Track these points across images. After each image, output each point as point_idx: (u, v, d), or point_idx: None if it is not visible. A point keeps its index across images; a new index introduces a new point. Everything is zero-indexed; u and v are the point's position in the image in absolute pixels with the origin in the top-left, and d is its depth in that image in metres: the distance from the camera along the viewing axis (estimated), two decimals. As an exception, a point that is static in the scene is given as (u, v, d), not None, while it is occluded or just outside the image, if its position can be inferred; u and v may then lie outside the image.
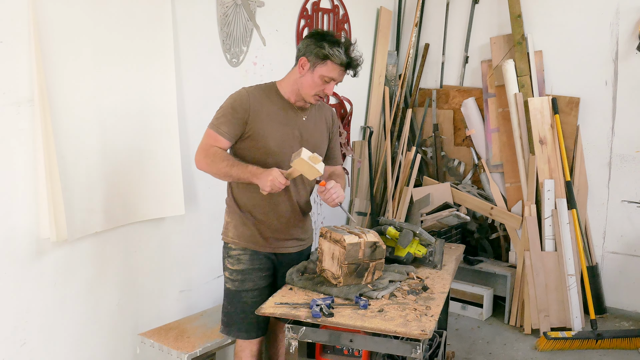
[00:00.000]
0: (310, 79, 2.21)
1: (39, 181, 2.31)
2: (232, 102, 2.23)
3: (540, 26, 4.04)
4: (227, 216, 2.39)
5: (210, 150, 2.20)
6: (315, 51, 2.18)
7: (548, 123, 3.86)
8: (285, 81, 2.31)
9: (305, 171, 2.11)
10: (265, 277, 2.35)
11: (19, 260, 2.30)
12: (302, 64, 2.22)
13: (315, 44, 2.19)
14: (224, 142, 2.21)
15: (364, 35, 4.37)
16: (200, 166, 2.25)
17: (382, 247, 2.16)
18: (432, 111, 4.57)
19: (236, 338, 2.38)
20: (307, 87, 2.23)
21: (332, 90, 2.25)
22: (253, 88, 2.30)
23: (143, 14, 2.65)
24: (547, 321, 3.68)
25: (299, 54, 2.25)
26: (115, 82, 2.55)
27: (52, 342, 2.46)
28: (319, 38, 2.20)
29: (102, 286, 2.65)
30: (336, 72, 2.20)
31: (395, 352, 1.96)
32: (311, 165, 2.07)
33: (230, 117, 2.20)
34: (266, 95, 2.27)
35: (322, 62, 2.18)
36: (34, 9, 2.20)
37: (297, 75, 2.25)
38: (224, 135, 2.20)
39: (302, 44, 2.25)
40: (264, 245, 2.33)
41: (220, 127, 2.20)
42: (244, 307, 2.31)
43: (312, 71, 2.20)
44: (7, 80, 2.19)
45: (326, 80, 2.21)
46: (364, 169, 4.41)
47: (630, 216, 3.87)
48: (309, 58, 2.20)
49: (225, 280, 2.37)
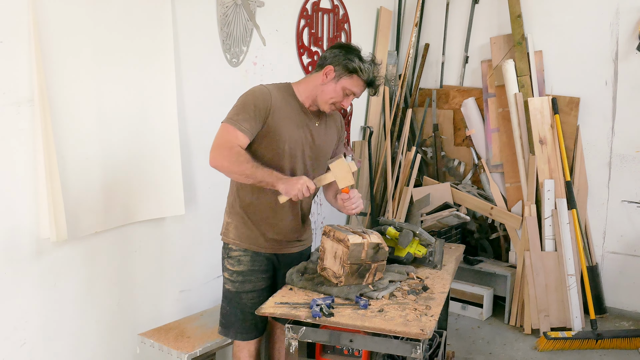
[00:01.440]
0: (332, 88, 2.20)
1: (39, 181, 2.31)
2: (254, 99, 2.15)
3: (540, 26, 4.04)
4: (227, 217, 2.36)
5: (234, 149, 2.08)
6: (345, 62, 2.18)
7: (548, 123, 3.86)
8: (303, 85, 2.28)
9: (341, 177, 2.09)
10: (265, 278, 2.34)
11: (19, 260, 2.30)
12: (326, 72, 2.20)
13: (345, 55, 2.19)
14: (245, 139, 2.12)
15: (364, 35, 4.37)
16: (219, 163, 2.11)
17: (384, 249, 2.16)
18: (432, 111, 4.57)
19: (235, 339, 2.37)
20: (326, 95, 2.22)
21: (349, 104, 2.26)
22: (272, 86, 2.25)
23: (143, 14, 2.65)
24: (547, 321, 3.68)
25: (324, 62, 2.23)
26: (115, 82, 2.55)
27: (52, 342, 2.46)
28: (349, 51, 2.21)
29: (102, 286, 2.65)
30: (359, 87, 2.21)
31: (395, 352, 1.96)
32: (349, 170, 2.06)
33: (253, 113, 2.12)
34: (283, 95, 2.24)
35: (348, 75, 2.18)
36: (34, 8, 2.20)
37: (319, 82, 2.22)
38: (246, 132, 2.11)
39: (329, 53, 2.24)
40: (265, 247, 2.31)
41: (241, 124, 2.10)
42: (243, 308, 2.30)
43: (336, 81, 2.20)
44: (7, 80, 2.19)
45: (347, 93, 2.21)
46: (364, 169, 4.41)
47: (630, 216, 3.87)
48: (336, 68, 2.19)
49: (225, 281, 2.35)
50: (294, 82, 2.31)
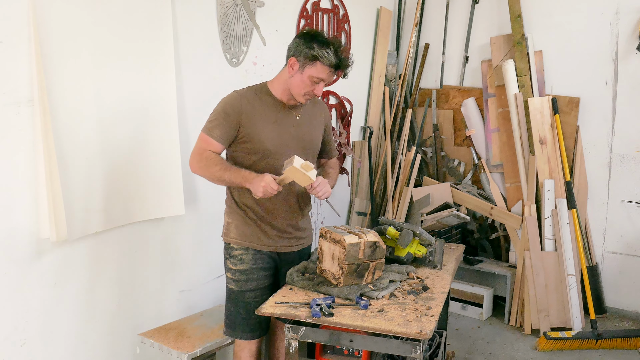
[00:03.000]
0: (299, 79, 2.21)
1: (39, 181, 2.31)
2: (223, 106, 2.23)
3: (540, 26, 4.04)
4: (227, 217, 2.38)
5: (204, 154, 2.20)
6: (305, 52, 2.18)
7: (548, 123, 3.86)
8: (275, 81, 2.31)
9: (298, 178, 2.10)
10: (267, 276, 2.35)
11: (19, 260, 2.30)
12: (291, 64, 2.22)
13: (305, 44, 2.18)
14: (217, 145, 2.21)
15: (364, 35, 4.37)
16: (194, 170, 2.24)
17: (382, 247, 2.16)
18: (432, 111, 4.57)
19: (240, 339, 2.37)
20: (296, 87, 2.23)
21: (321, 91, 2.25)
22: (245, 90, 2.29)
23: (143, 13, 2.65)
24: (547, 321, 3.68)
25: (289, 54, 2.25)
26: (115, 82, 2.55)
27: (52, 342, 2.46)
28: (308, 38, 2.20)
29: (102, 286, 2.65)
30: (325, 73, 2.20)
31: (395, 352, 1.96)
32: (303, 173, 2.06)
33: (223, 120, 2.20)
34: (258, 96, 2.27)
35: (311, 63, 2.18)
36: (34, 9, 2.20)
37: (287, 76, 2.24)
38: (217, 139, 2.20)
39: (292, 44, 2.25)
40: (266, 244, 2.33)
41: (213, 131, 2.20)
42: (247, 307, 2.31)
43: (302, 72, 2.20)
44: (7, 80, 2.19)
45: (315, 81, 2.21)
46: (364, 169, 4.41)
47: (630, 216, 3.87)
48: (298, 58, 2.20)
49: (228, 281, 2.36)
50: (269, 80, 2.34)
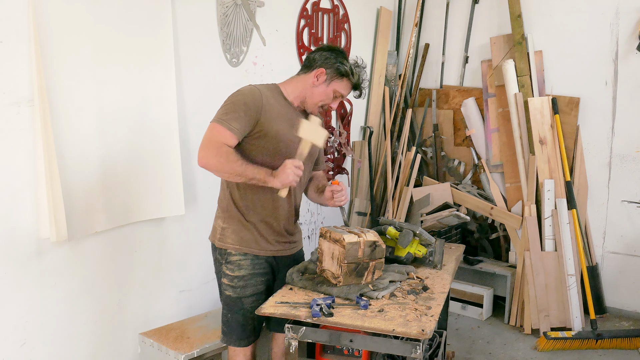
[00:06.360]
0: (322, 90, 2.22)
1: (39, 181, 2.32)
2: (244, 98, 2.12)
3: (540, 26, 4.04)
4: (222, 222, 2.28)
5: (222, 149, 2.06)
6: (336, 66, 2.21)
7: (548, 123, 3.86)
8: (291, 85, 2.28)
9: (315, 137, 2.11)
10: (264, 281, 2.31)
11: (19, 260, 2.30)
12: (318, 75, 2.21)
13: (336, 59, 2.22)
14: (234, 139, 2.08)
15: (364, 35, 4.37)
16: (208, 163, 2.08)
17: (381, 246, 2.16)
18: (432, 111, 4.57)
19: (237, 346, 2.32)
20: (317, 97, 2.23)
21: (337, 105, 2.30)
22: (261, 86, 2.23)
23: (143, 13, 2.65)
24: (547, 321, 3.68)
25: (314, 64, 2.23)
26: (115, 82, 2.55)
27: (52, 342, 2.47)
28: (339, 54, 2.24)
29: (102, 286, 2.66)
30: (348, 89, 2.27)
31: (395, 352, 1.96)
32: (318, 127, 2.09)
33: (243, 113, 2.09)
34: (273, 95, 2.23)
35: (339, 78, 2.22)
36: (34, 8, 2.21)
37: (309, 84, 2.23)
38: (235, 132, 2.07)
39: (319, 56, 2.24)
40: (265, 249, 2.28)
41: (231, 123, 2.07)
42: (245, 313, 2.26)
43: (328, 84, 2.22)
44: (7, 80, 2.19)
45: (336, 95, 2.25)
46: (364, 169, 4.41)
47: (630, 216, 3.87)
48: (328, 71, 2.21)
49: (225, 287, 2.27)
50: (281, 83, 2.31)
